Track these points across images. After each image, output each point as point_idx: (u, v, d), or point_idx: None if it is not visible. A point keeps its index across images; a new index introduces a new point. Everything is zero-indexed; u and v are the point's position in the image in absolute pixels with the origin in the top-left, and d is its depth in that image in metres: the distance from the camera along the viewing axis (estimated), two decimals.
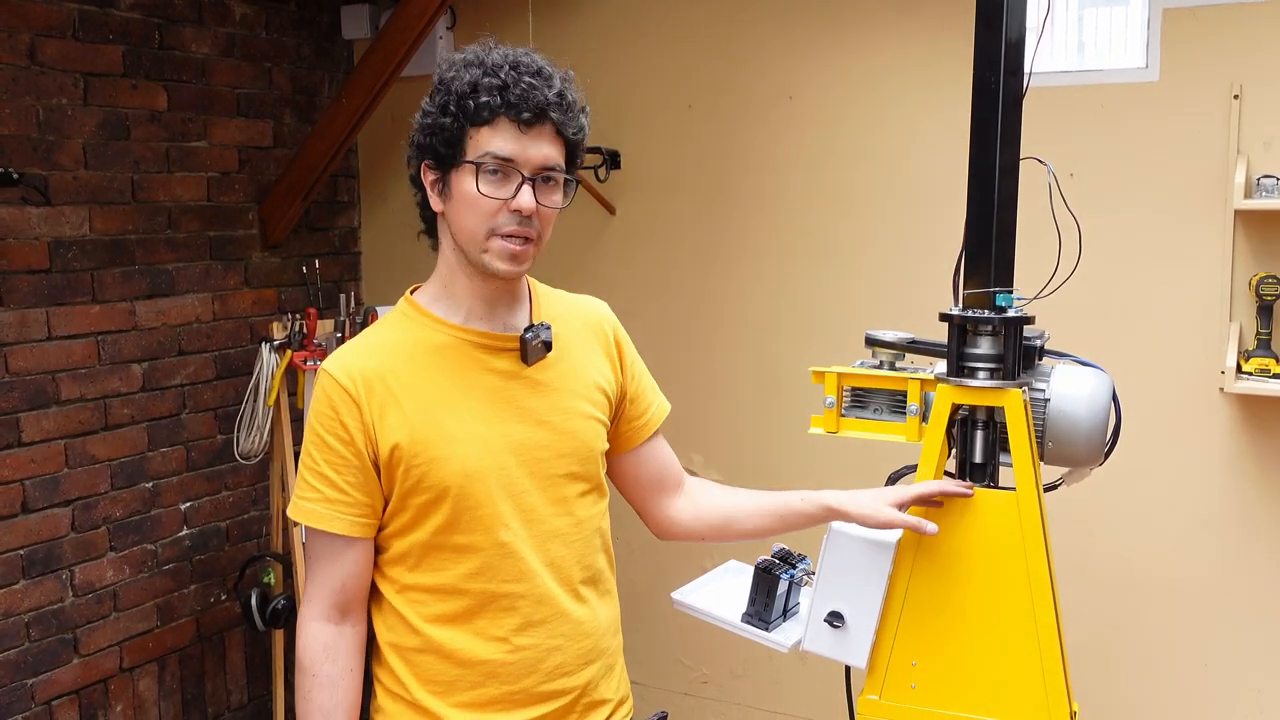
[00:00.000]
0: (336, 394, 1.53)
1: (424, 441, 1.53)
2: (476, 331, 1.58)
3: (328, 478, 1.54)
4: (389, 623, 1.62)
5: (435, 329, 1.58)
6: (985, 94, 1.71)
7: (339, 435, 1.53)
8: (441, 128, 1.51)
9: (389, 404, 1.53)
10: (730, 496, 1.85)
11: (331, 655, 1.57)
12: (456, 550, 1.57)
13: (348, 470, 1.54)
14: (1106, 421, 1.73)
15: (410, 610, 1.59)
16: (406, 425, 1.53)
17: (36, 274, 3.02)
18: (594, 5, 3.60)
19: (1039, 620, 1.66)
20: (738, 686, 3.60)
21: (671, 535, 1.84)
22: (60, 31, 3.04)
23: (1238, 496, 2.88)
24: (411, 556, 1.58)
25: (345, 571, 1.58)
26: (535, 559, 1.59)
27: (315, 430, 1.56)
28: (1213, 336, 2.82)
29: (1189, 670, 2.96)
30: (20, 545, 3.02)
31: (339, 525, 1.55)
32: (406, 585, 1.59)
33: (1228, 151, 2.76)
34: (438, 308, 1.60)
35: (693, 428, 3.55)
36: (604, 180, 3.55)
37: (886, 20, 3.17)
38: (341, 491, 1.54)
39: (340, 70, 3.93)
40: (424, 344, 1.57)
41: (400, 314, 1.62)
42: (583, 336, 1.69)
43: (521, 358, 1.59)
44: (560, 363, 1.64)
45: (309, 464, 1.56)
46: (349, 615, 1.59)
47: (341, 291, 3.71)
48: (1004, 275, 1.74)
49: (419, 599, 1.59)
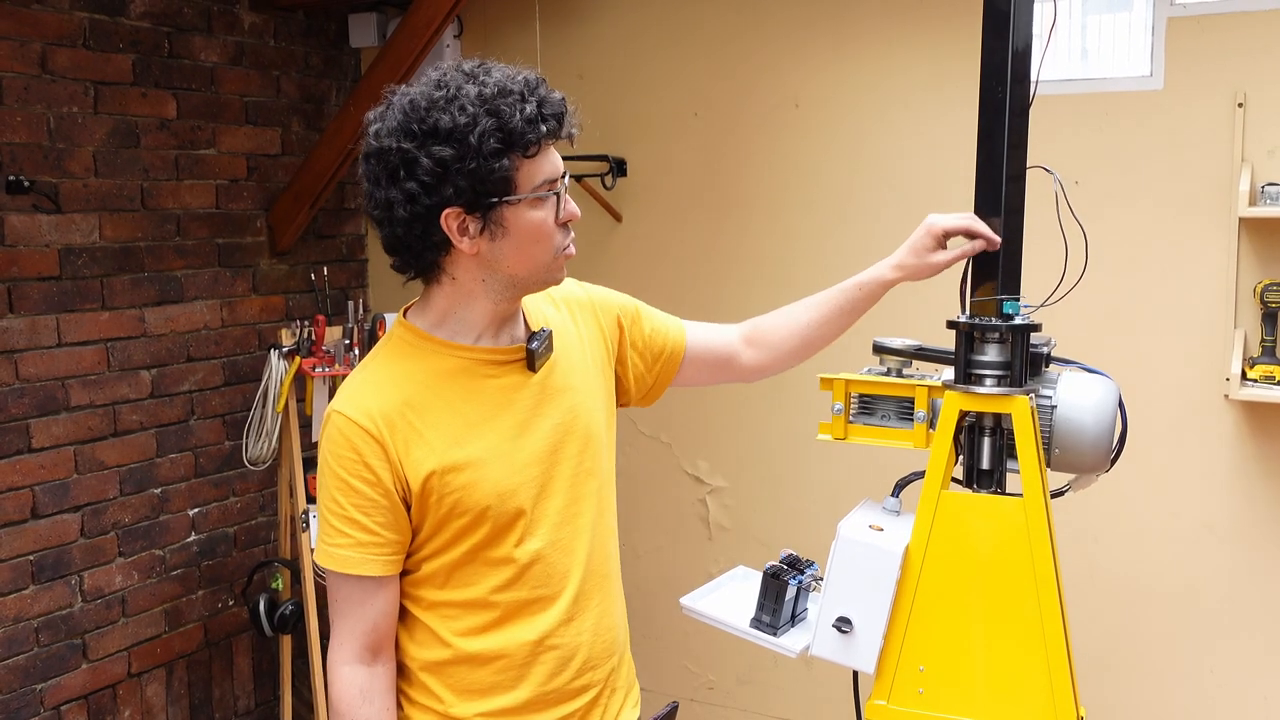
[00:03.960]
0: (357, 436, 1.50)
1: (454, 467, 1.52)
2: (486, 350, 1.58)
3: (357, 521, 1.51)
4: (418, 639, 1.60)
5: (444, 354, 1.56)
6: (991, 102, 1.72)
7: (364, 477, 1.50)
8: (490, 170, 1.43)
9: (412, 438, 1.51)
10: (791, 322, 1.86)
11: (368, 697, 1.55)
12: (489, 564, 1.56)
13: (377, 511, 1.51)
14: (1113, 428, 1.73)
15: (440, 625, 1.58)
16: (434, 455, 1.51)
17: (47, 281, 3.04)
18: (600, 14, 3.62)
19: (1046, 626, 1.66)
20: (744, 692, 3.61)
21: (759, 379, 1.90)
22: (71, 40, 3.06)
23: (1243, 503, 2.88)
24: (440, 575, 1.57)
25: (378, 611, 1.55)
26: (564, 562, 1.60)
27: (337, 474, 1.51)
28: (1217, 344, 2.83)
29: (1195, 677, 2.97)
30: (30, 550, 3.03)
31: (374, 568, 1.52)
32: (435, 602, 1.58)
33: (1232, 159, 2.77)
34: (442, 332, 1.57)
35: (700, 434, 3.56)
36: (610, 188, 3.56)
37: (892, 28, 3.19)
38: (372, 533, 1.52)
39: (348, 78, 3.95)
40: (435, 370, 1.55)
41: (401, 342, 1.59)
42: (568, 324, 1.70)
43: (528, 366, 1.60)
44: (561, 361, 1.64)
45: (334, 509, 1.52)
46: (380, 655, 1.57)
47: (349, 298, 3.73)
48: (1011, 283, 1.75)
49: (449, 614, 1.58)
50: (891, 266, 1.80)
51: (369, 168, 1.51)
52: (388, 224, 1.51)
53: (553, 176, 1.50)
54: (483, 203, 1.46)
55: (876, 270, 1.81)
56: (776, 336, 1.86)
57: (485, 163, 1.43)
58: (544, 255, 1.53)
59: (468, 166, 1.43)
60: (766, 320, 1.88)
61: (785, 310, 1.88)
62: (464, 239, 1.49)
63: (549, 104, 1.47)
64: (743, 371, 1.88)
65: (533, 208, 1.49)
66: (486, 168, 1.43)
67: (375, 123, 1.50)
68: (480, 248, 1.50)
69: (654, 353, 1.80)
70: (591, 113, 3.87)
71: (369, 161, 1.50)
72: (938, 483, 1.74)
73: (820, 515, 2.52)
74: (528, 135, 1.44)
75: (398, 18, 3.66)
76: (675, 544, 3.62)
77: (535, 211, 1.49)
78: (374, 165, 1.49)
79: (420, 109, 1.45)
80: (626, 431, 3.46)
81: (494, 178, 1.44)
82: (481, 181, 1.44)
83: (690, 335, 1.84)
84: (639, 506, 3.59)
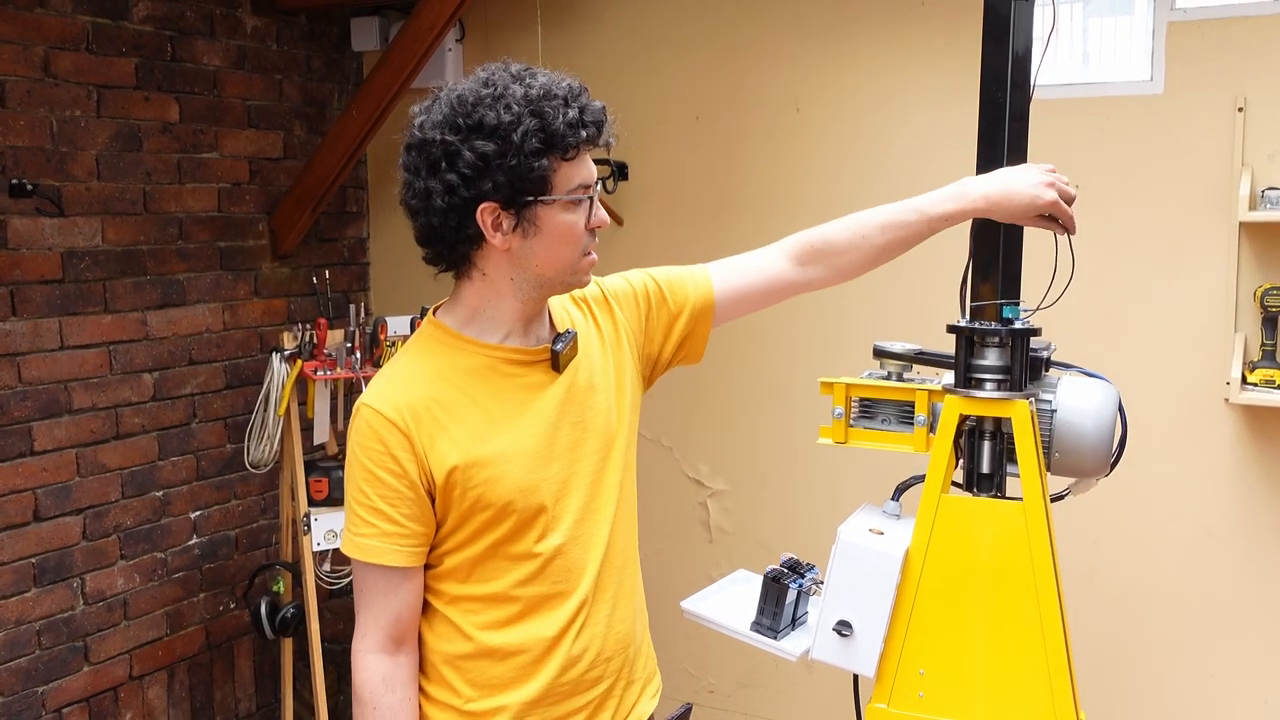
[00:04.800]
0: (384, 428, 1.53)
1: (478, 463, 1.55)
2: (512, 349, 1.61)
3: (383, 512, 1.55)
4: (439, 632, 1.63)
5: (471, 352, 1.60)
6: (992, 106, 1.73)
7: (390, 469, 1.54)
8: (530, 169, 1.48)
9: (438, 431, 1.54)
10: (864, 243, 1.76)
11: (391, 686, 1.58)
12: (511, 559, 1.59)
13: (402, 503, 1.55)
14: (1113, 432, 1.74)
15: (463, 619, 1.61)
16: (458, 450, 1.54)
17: (49, 284, 3.05)
18: (602, 18, 3.62)
19: (1046, 629, 1.67)
20: (745, 695, 3.61)
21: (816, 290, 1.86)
22: (74, 44, 3.07)
23: (1243, 507, 2.88)
24: (463, 569, 1.60)
25: (401, 602, 1.58)
26: (583, 557, 1.63)
27: (364, 466, 1.55)
28: (1218, 348, 2.83)
29: (1196, 681, 2.97)
30: (32, 553, 3.03)
31: (398, 558, 1.56)
32: (457, 596, 1.61)
33: (1232, 163, 2.77)
34: (471, 330, 1.61)
35: (702, 438, 3.57)
36: (612, 192, 3.57)
37: (893, 32, 3.19)
38: (397, 524, 1.55)
39: (350, 82, 3.96)
40: (461, 368, 1.59)
41: (430, 340, 1.63)
42: (590, 324, 1.72)
43: (553, 366, 1.62)
44: (584, 361, 1.67)
45: (360, 500, 1.56)
46: (403, 645, 1.60)
47: (351, 302, 3.73)
48: (1011, 287, 1.75)
49: (471, 608, 1.61)
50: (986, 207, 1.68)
51: (410, 158, 1.55)
52: (424, 214, 1.54)
53: (587, 182, 1.55)
54: (519, 200, 1.50)
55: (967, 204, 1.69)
56: (847, 259, 1.78)
57: (525, 161, 1.47)
58: (571, 256, 1.57)
59: (509, 163, 1.47)
60: (832, 236, 1.79)
61: (853, 227, 1.77)
62: (497, 234, 1.53)
63: (590, 111, 1.53)
64: (799, 289, 1.84)
65: (565, 210, 1.53)
66: (526, 166, 1.48)
67: (420, 115, 1.55)
68: (512, 244, 1.54)
69: (686, 316, 1.79)
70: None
71: (410, 152, 1.55)
72: (938, 486, 1.75)
73: (821, 519, 2.53)
74: (568, 138, 1.49)
75: (400, 22, 3.66)
76: (676, 547, 3.62)
77: (567, 214, 1.53)
78: (415, 156, 1.53)
79: (467, 104, 1.50)
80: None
81: (532, 176, 1.49)
82: (520, 179, 1.49)
83: (718, 282, 1.80)
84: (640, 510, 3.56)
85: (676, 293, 1.80)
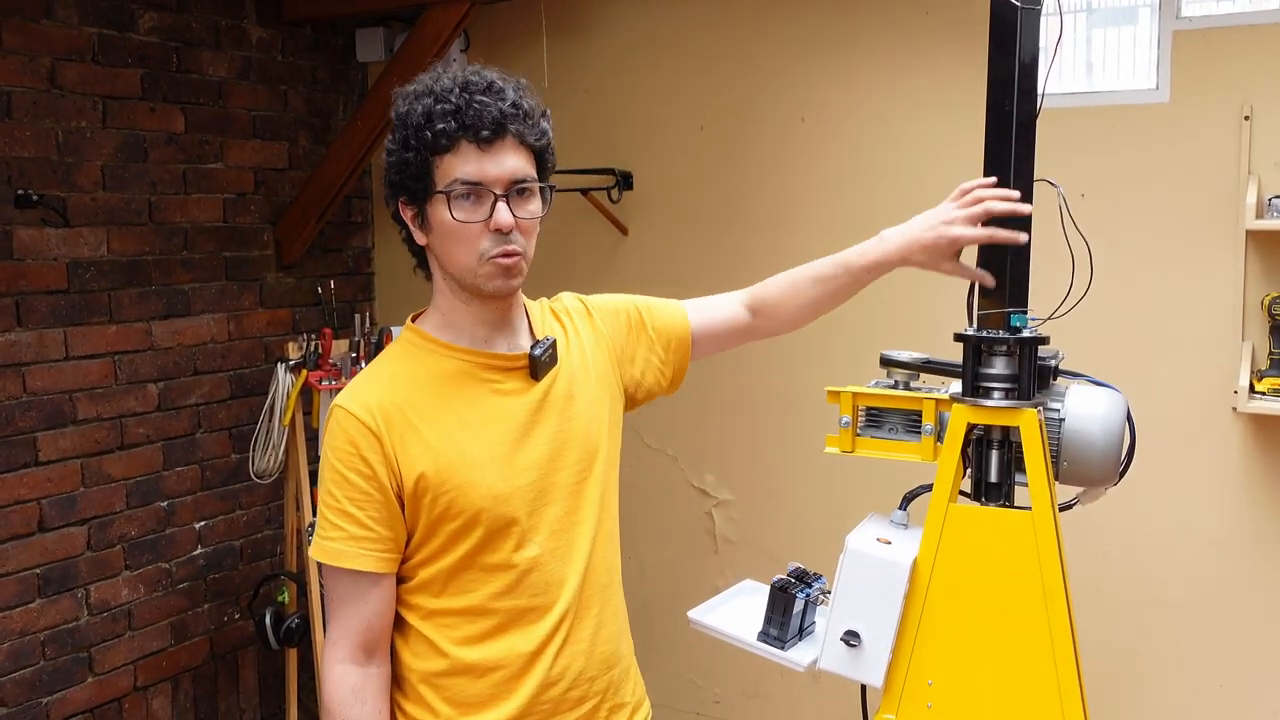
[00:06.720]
0: (355, 429, 1.51)
1: (449, 469, 1.52)
2: (486, 354, 1.59)
3: (351, 515, 1.52)
4: (416, 650, 1.59)
5: (446, 356, 1.58)
6: (998, 115, 1.72)
7: (360, 471, 1.51)
8: (406, 163, 1.49)
9: (409, 435, 1.52)
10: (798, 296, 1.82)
11: (360, 697, 1.54)
12: (485, 570, 1.56)
13: (371, 505, 1.52)
14: (1121, 441, 1.73)
15: (438, 635, 1.58)
16: (430, 454, 1.52)
17: (55, 294, 3.05)
18: (607, 28, 3.63)
19: (1055, 639, 1.66)
20: (752, 706, 3.59)
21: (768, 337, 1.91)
22: (80, 55, 3.08)
23: (1251, 516, 2.87)
24: (437, 583, 1.57)
25: (371, 610, 1.55)
26: (562, 570, 1.60)
27: (335, 468, 1.53)
28: (1225, 356, 2.82)
29: (1205, 691, 2.95)
30: (36, 564, 3.03)
31: (366, 563, 1.52)
32: (433, 611, 1.58)
33: (1239, 172, 2.77)
34: (446, 335, 1.59)
35: (707, 448, 3.56)
36: (617, 201, 3.57)
37: (899, 42, 3.19)
38: (366, 528, 1.52)
39: (355, 93, 3.96)
40: (436, 371, 1.57)
41: (407, 344, 1.62)
42: (571, 336, 1.71)
43: (531, 374, 1.60)
44: (564, 371, 1.65)
45: (330, 503, 1.53)
46: (374, 655, 1.56)
47: (356, 312, 3.73)
48: (1018, 296, 1.75)
49: (448, 622, 1.58)
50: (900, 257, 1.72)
51: None
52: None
53: (470, 178, 1.47)
54: (417, 196, 1.52)
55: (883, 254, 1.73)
56: (784, 311, 1.85)
57: (403, 154, 1.50)
58: (465, 257, 1.51)
59: (401, 156, 1.50)
60: (771, 292, 1.85)
61: (790, 282, 1.83)
62: (417, 231, 1.55)
63: (470, 107, 1.47)
64: (752, 335, 1.90)
65: (444, 205, 1.49)
66: (403, 160, 1.50)
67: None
68: (428, 241, 1.56)
69: (664, 344, 1.80)
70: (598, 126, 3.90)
71: None
72: (945, 496, 1.74)
73: (828, 528, 2.52)
74: (433, 132, 1.47)
75: (405, 32, 3.67)
76: (682, 557, 3.61)
77: (446, 209, 1.49)
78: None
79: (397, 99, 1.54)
80: (632, 444, 3.46)
81: (411, 171, 1.50)
82: (401, 173, 1.50)
83: (693, 317, 1.84)
84: (645, 520, 3.58)
85: (657, 319, 1.81)
